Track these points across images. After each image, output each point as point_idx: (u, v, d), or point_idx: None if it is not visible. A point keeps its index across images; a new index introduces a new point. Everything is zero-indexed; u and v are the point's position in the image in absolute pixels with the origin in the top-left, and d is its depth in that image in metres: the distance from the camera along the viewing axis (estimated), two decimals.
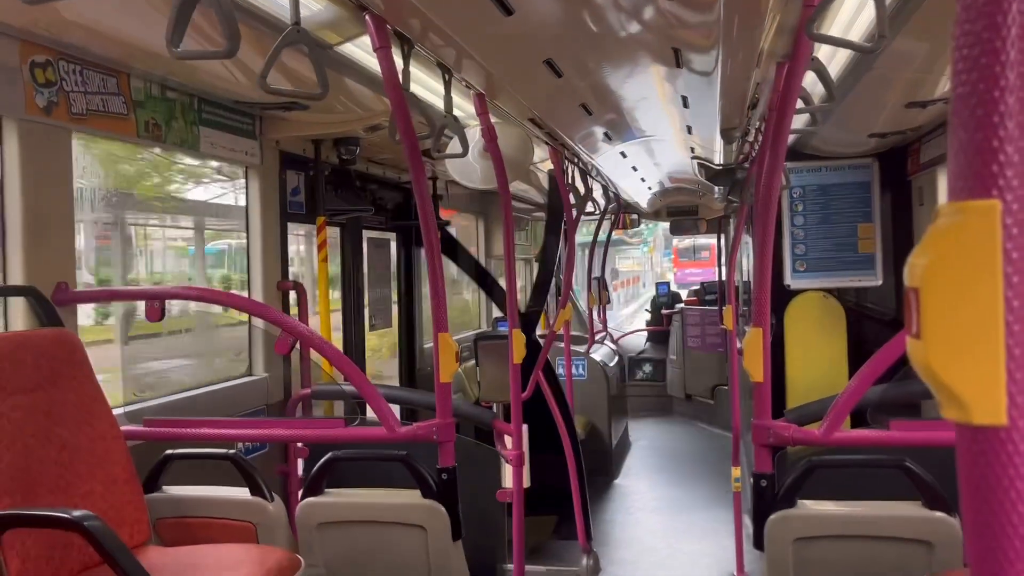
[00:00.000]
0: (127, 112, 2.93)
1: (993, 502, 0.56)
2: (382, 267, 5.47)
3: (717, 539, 5.63)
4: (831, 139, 4.83)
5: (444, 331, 2.62)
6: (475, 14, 2.41)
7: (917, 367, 0.60)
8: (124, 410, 2.91)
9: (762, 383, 2.48)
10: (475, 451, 3.77)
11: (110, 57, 2.81)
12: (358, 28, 2.64)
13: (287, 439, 3.56)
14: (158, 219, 4.30)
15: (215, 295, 2.79)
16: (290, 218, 4.06)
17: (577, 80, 3.36)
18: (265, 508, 2.64)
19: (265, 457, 3.70)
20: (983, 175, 0.56)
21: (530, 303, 5.37)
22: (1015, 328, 0.56)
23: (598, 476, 7.10)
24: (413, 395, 4.26)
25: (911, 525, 2.32)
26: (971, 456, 0.57)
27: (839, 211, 5.28)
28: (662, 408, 10.36)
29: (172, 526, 2.66)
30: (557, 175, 4.82)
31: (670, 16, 2.53)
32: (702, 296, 10.62)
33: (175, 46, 1.86)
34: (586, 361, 7.47)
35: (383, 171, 5.18)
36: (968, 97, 0.56)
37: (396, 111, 2.48)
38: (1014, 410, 0.56)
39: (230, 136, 3.55)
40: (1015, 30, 0.55)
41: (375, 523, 2.69)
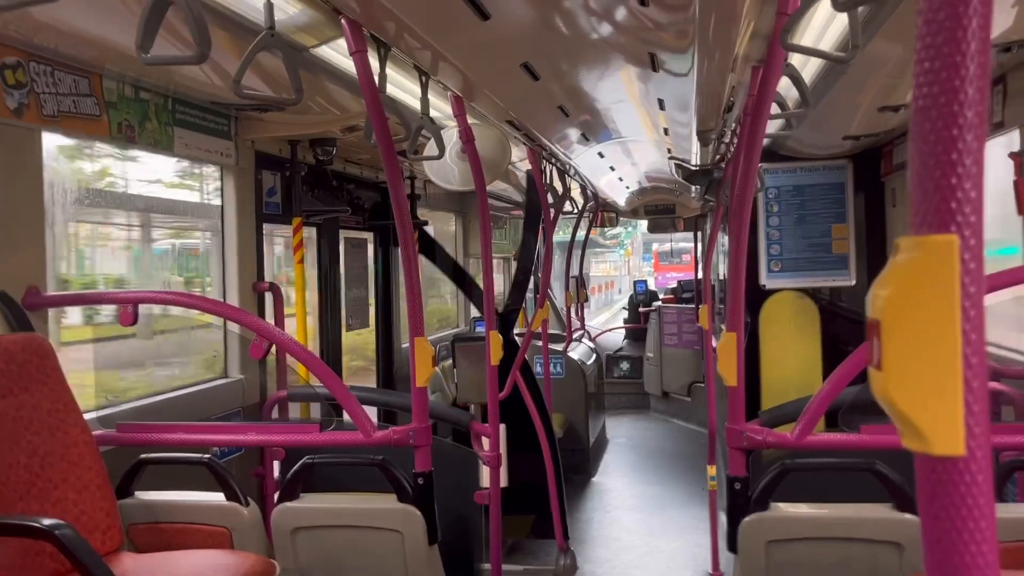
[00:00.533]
0: (99, 113, 2.90)
1: (952, 531, 0.57)
2: (359, 267, 5.45)
3: (693, 537, 5.67)
4: (806, 141, 4.87)
5: (420, 335, 2.62)
6: (451, 19, 2.40)
7: (878, 397, 0.61)
8: (96, 415, 2.88)
9: (736, 387, 2.50)
10: (452, 452, 3.77)
11: (82, 58, 2.78)
12: (334, 31, 2.63)
13: (262, 444, 3.54)
14: (99, 214, 4.11)
15: (190, 299, 2.77)
16: (266, 219, 4.04)
17: (554, 83, 3.37)
18: (240, 513, 2.63)
19: (241, 460, 3.68)
20: (941, 210, 0.57)
21: (508, 302, 5.39)
22: (972, 360, 0.57)
23: (576, 474, 7.13)
24: (390, 397, 4.25)
25: (881, 527, 2.35)
26: (931, 486, 0.58)
27: (814, 212, 5.33)
28: (639, 405, 10.42)
29: (145, 532, 2.64)
30: (535, 175, 4.82)
31: (645, 20, 2.54)
32: (679, 294, 10.69)
33: (145, 51, 1.84)
34: (564, 359, 7.49)
35: (360, 171, 5.16)
36: (927, 135, 0.57)
37: (372, 114, 2.47)
38: (972, 440, 0.57)
39: (205, 137, 3.52)
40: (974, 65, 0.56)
41: (351, 528, 2.68)
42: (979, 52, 0.55)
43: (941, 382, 0.57)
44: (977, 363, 0.57)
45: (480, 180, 3.49)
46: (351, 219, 5.17)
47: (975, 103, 0.56)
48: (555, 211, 5.47)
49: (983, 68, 0.56)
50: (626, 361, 10.65)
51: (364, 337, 5.94)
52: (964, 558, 0.56)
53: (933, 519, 0.58)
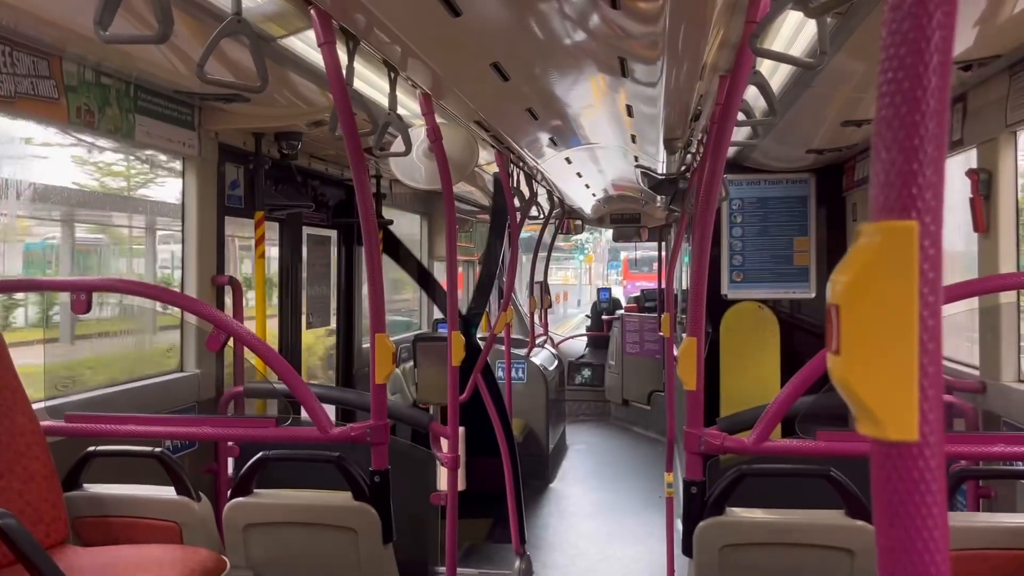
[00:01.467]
0: (58, 96, 2.83)
1: (905, 516, 0.57)
2: (322, 265, 5.40)
3: (649, 544, 5.70)
4: (771, 153, 4.93)
5: (382, 332, 2.59)
6: (422, 13, 2.39)
7: (836, 382, 0.61)
8: (45, 404, 2.81)
9: (695, 391, 2.51)
10: (410, 453, 3.74)
11: (42, 39, 2.71)
12: (303, 22, 2.60)
13: (216, 438, 3.48)
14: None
15: (145, 288, 2.71)
16: (228, 212, 3.98)
17: (524, 85, 3.36)
18: (191, 508, 2.58)
19: (194, 455, 3.62)
20: (903, 196, 0.57)
21: (471, 305, 5.37)
22: (928, 346, 0.57)
23: (534, 480, 7.12)
24: (348, 395, 4.20)
25: (834, 533, 2.38)
26: (884, 471, 0.58)
27: (776, 224, 5.40)
28: (600, 413, 10.45)
29: (92, 525, 2.58)
30: (502, 178, 4.82)
31: (616, 27, 2.55)
32: (642, 303, 10.76)
33: (104, 29, 1.79)
34: (526, 364, 7.49)
35: (326, 167, 5.11)
36: (891, 120, 0.57)
37: (339, 107, 2.45)
38: (926, 426, 0.57)
39: (167, 126, 3.46)
40: (937, 57, 0.56)
41: (304, 525, 2.64)
42: (942, 40, 0.56)
43: (897, 367, 0.57)
44: (933, 348, 0.57)
45: (447, 180, 3.48)
46: (315, 216, 5.12)
47: (938, 90, 0.56)
48: (521, 216, 5.48)
49: (946, 57, 0.56)
50: (588, 368, 10.69)
51: (315, 336, 5.86)
52: (916, 544, 0.56)
53: (886, 504, 0.58)
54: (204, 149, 3.74)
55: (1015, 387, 3.07)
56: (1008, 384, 3.10)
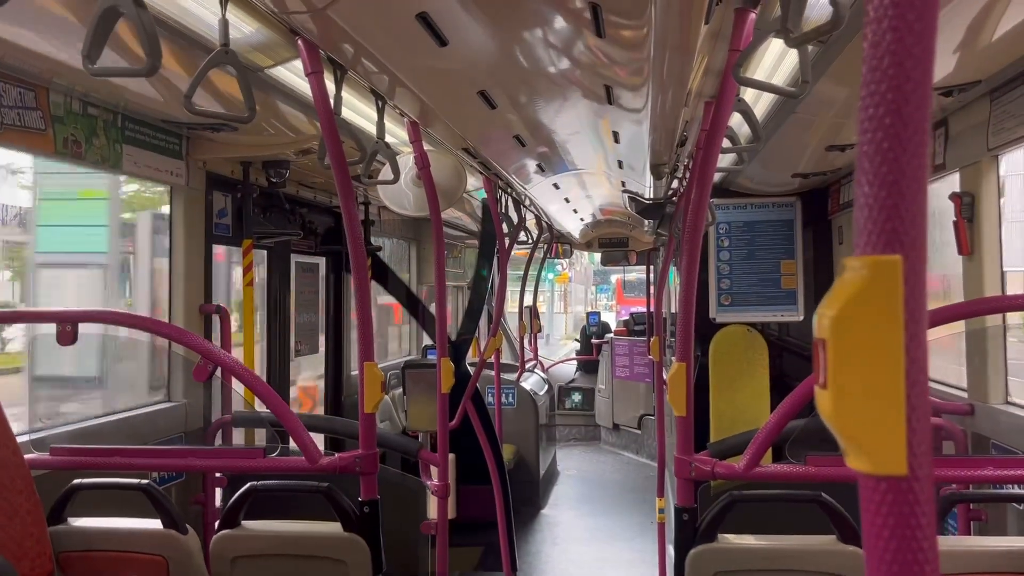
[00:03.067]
0: (45, 127, 2.83)
1: (894, 550, 0.57)
2: (310, 292, 5.38)
3: (642, 570, 5.66)
4: (756, 178, 4.97)
5: (371, 360, 2.58)
6: (409, 43, 2.41)
7: (824, 416, 0.61)
8: (29, 437, 2.78)
9: (685, 417, 2.51)
10: (400, 481, 3.72)
11: (28, 70, 2.71)
12: (290, 52, 2.61)
13: (203, 469, 3.44)
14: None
15: (132, 319, 2.70)
16: (216, 240, 3.97)
17: (510, 112, 3.39)
18: (178, 541, 2.54)
19: (181, 487, 3.58)
20: (886, 231, 0.57)
21: (461, 330, 5.36)
22: (915, 379, 0.58)
23: (525, 506, 7.08)
24: (337, 424, 4.18)
25: (825, 559, 2.37)
26: (874, 506, 0.58)
27: (763, 247, 5.42)
28: (590, 437, 10.42)
29: (77, 560, 2.54)
30: (491, 204, 4.84)
31: (601, 55, 2.58)
32: (631, 327, 10.77)
33: (92, 62, 1.80)
34: (516, 389, 7.47)
35: (314, 194, 5.12)
36: (872, 155, 0.58)
37: (327, 136, 2.45)
38: (913, 460, 0.58)
39: (155, 156, 3.45)
40: (917, 93, 0.57)
41: (293, 556, 2.61)
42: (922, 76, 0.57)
43: (884, 401, 0.58)
44: (919, 383, 0.57)
45: (435, 207, 3.49)
46: (303, 243, 5.11)
47: (919, 124, 0.57)
48: (510, 241, 5.49)
49: (925, 91, 0.57)
50: (578, 392, 10.67)
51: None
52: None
53: (875, 538, 0.58)
54: (192, 178, 3.73)
55: (1003, 409, 3.08)
56: (996, 406, 3.11)
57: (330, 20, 2.18)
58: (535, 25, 2.37)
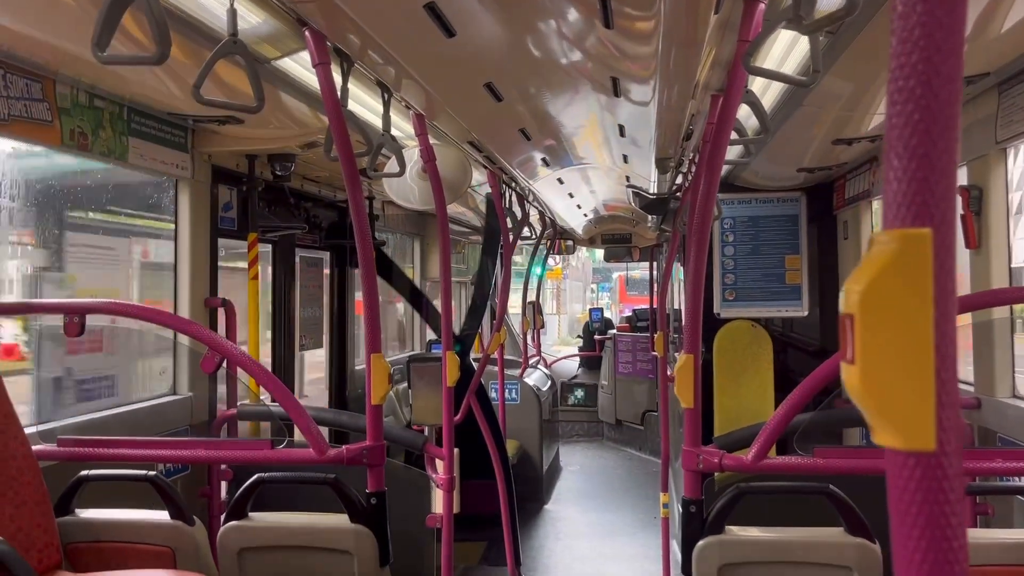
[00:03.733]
0: (51, 119, 2.83)
1: (923, 527, 0.56)
2: (314, 286, 5.38)
3: (645, 565, 5.66)
4: (762, 172, 4.96)
5: (378, 352, 2.58)
6: (417, 34, 2.40)
7: (851, 392, 0.60)
8: (37, 429, 2.78)
9: (692, 409, 2.51)
10: (404, 475, 3.72)
11: (35, 62, 2.71)
12: (297, 43, 2.60)
13: (210, 460, 3.45)
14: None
15: (139, 310, 2.69)
16: (221, 234, 3.97)
17: (517, 105, 3.38)
18: (185, 532, 2.54)
19: (187, 479, 3.58)
20: (915, 204, 0.57)
21: (464, 326, 5.35)
22: (944, 353, 0.57)
23: (528, 501, 7.08)
24: (342, 417, 4.17)
25: (833, 551, 2.37)
26: (901, 481, 0.57)
27: (768, 242, 5.41)
28: (593, 433, 10.42)
29: (85, 551, 2.54)
30: (495, 198, 4.83)
31: (611, 46, 2.57)
32: (634, 323, 10.76)
33: (101, 49, 1.79)
34: (519, 385, 7.47)
35: (318, 189, 5.11)
36: (903, 128, 0.57)
37: (334, 127, 2.45)
38: (942, 434, 0.57)
39: (160, 148, 3.45)
40: (949, 63, 0.57)
41: (300, 548, 2.61)
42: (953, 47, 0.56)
43: (913, 376, 0.57)
44: (948, 357, 0.57)
45: (440, 200, 3.48)
46: (307, 237, 5.11)
47: (950, 97, 0.56)
48: (514, 236, 5.48)
49: (957, 63, 0.57)
50: (581, 389, 10.67)
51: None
52: (936, 554, 0.56)
53: (903, 515, 0.57)
54: (197, 171, 3.73)
55: (1010, 403, 3.08)
56: (1003, 400, 3.10)
57: (338, 9, 2.18)
58: (543, 16, 2.37)
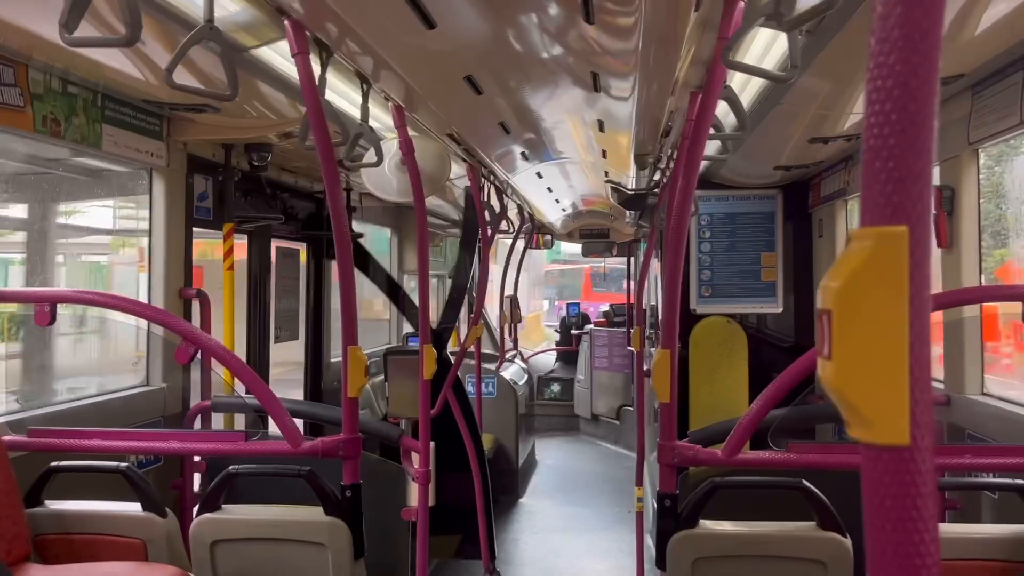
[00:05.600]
0: (23, 105, 2.78)
1: (895, 520, 0.57)
2: (290, 278, 5.34)
3: (619, 559, 5.69)
4: (739, 170, 4.99)
5: (354, 344, 2.57)
6: (396, 25, 2.39)
7: (826, 387, 0.61)
8: (6, 419, 2.74)
9: (668, 403, 2.52)
10: (380, 468, 3.71)
11: (7, 46, 2.66)
12: (275, 32, 2.58)
13: (184, 452, 3.42)
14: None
15: (112, 300, 2.66)
16: (196, 223, 3.93)
17: (497, 98, 3.37)
18: (156, 524, 2.52)
19: (160, 471, 3.54)
20: (892, 203, 0.58)
21: (442, 319, 5.34)
22: (918, 350, 0.58)
23: (504, 495, 7.10)
24: (318, 409, 4.15)
25: (806, 545, 2.39)
26: (875, 475, 0.58)
27: (744, 239, 5.45)
28: (569, 427, 10.45)
29: (54, 543, 2.51)
30: (474, 192, 4.82)
31: (591, 41, 2.57)
32: (611, 318, 10.80)
33: (69, 31, 1.76)
34: (496, 379, 7.47)
35: (295, 180, 5.08)
36: (881, 127, 0.58)
37: (312, 117, 2.43)
38: (916, 430, 0.58)
39: (135, 136, 3.41)
40: (925, 65, 0.57)
41: (274, 540, 2.60)
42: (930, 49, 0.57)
43: (887, 371, 0.58)
44: (922, 353, 0.58)
45: (419, 193, 3.47)
46: (284, 228, 5.07)
47: (927, 97, 0.57)
48: (492, 230, 5.48)
49: (933, 64, 0.57)
50: (557, 383, 10.69)
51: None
52: (908, 548, 0.57)
53: (877, 508, 0.58)
54: (172, 160, 3.69)
55: (979, 400, 3.12)
56: (972, 397, 3.15)
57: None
58: (525, 10, 2.36)
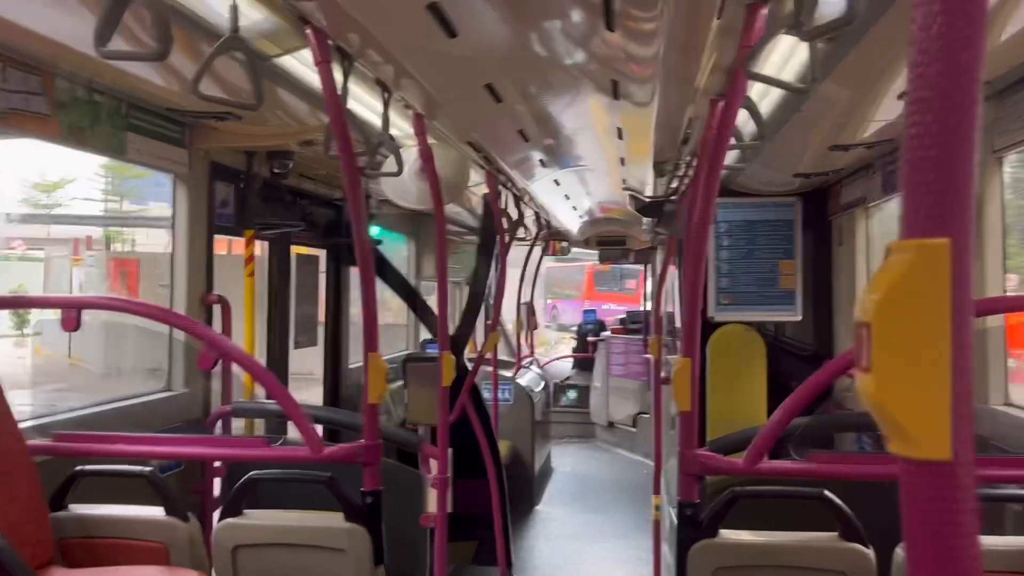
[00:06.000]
0: (50, 113, 2.82)
1: (936, 535, 0.57)
2: (310, 285, 5.37)
3: (636, 567, 5.67)
4: (758, 177, 4.97)
5: (375, 351, 2.58)
6: (418, 34, 2.40)
7: (865, 401, 0.61)
8: (32, 423, 2.77)
9: (689, 412, 2.51)
10: (398, 474, 3.71)
11: (34, 55, 2.70)
12: (297, 41, 2.60)
13: (207, 457, 3.44)
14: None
15: (136, 306, 2.69)
16: (218, 230, 3.96)
17: (517, 105, 3.38)
18: (179, 529, 2.54)
19: (180, 476, 3.56)
20: (934, 214, 0.57)
21: (459, 326, 5.36)
22: (960, 364, 0.58)
23: (520, 502, 7.09)
24: (337, 415, 4.17)
25: (827, 555, 2.38)
26: (916, 490, 0.58)
27: (762, 247, 5.42)
28: (585, 435, 10.43)
29: (78, 547, 2.53)
30: (492, 199, 4.83)
31: (615, 47, 2.57)
32: (627, 325, 10.78)
33: (102, 44, 1.79)
34: (512, 386, 7.47)
35: (315, 186, 5.10)
36: (922, 139, 0.58)
37: (334, 126, 2.45)
38: (958, 445, 0.58)
39: (158, 144, 3.44)
40: (967, 76, 0.57)
41: (295, 546, 2.61)
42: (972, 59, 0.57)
43: (929, 385, 0.58)
44: (964, 367, 0.57)
45: (438, 200, 3.48)
46: (303, 235, 5.10)
47: (969, 108, 0.57)
48: (509, 237, 5.49)
49: (975, 75, 0.57)
50: (573, 390, 10.68)
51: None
52: (950, 563, 0.56)
53: (917, 523, 0.58)
54: (195, 167, 3.72)
55: (1003, 411, 3.09)
56: (996, 408, 3.12)
57: (339, 8, 2.18)
58: (546, 17, 2.37)
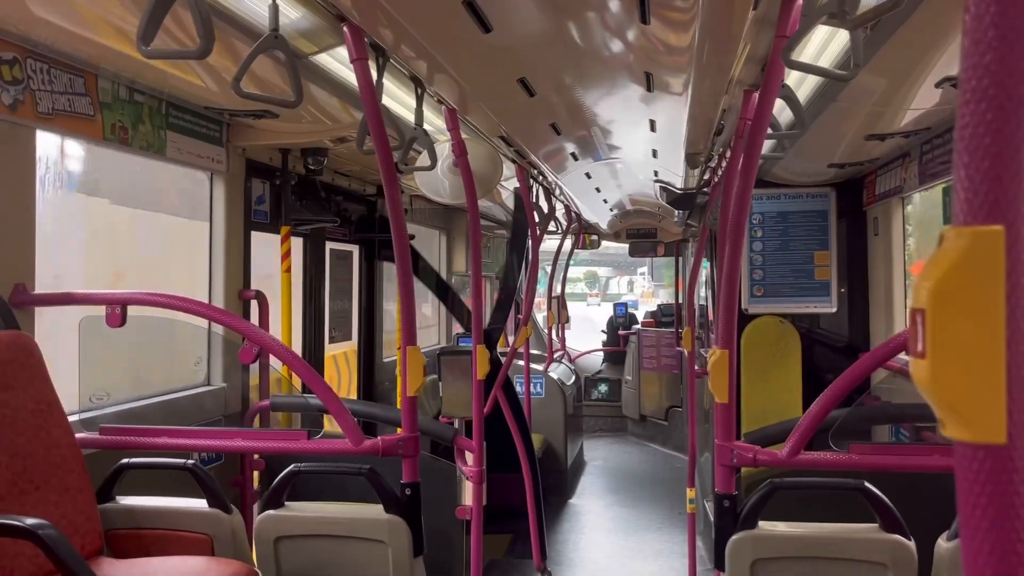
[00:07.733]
0: (93, 113, 2.88)
1: (993, 519, 0.57)
2: (344, 280, 5.42)
3: (670, 560, 5.66)
4: (792, 167, 4.93)
5: (413, 344, 2.60)
6: (453, 29, 2.42)
7: (920, 386, 0.61)
8: (80, 417, 2.84)
9: (727, 404, 2.51)
10: (433, 466, 3.75)
11: (78, 57, 2.76)
12: (333, 38, 2.63)
13: (249, 450, 3.50)
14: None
15: (179, 302, 2.74)
16: (254, 226, 4.02)
17: (549, 99, 3.39)
18: (222, 520, 2.59)
19: (220, 469, 3.63)
20: (988, 202, 0.58)
21: (492, 320, 5.38)
22: (1016, 348, 0.58)
23: (553, 495, 7.10)
24: (373, 409, 4.21)
25: (868, 547, 2.36)
26: (971, 474, 0.58)
27: (797, 238, 5.38)
28: (617, 428, 10.42)
29: (125, 538, 2.59)
30: (523, 193, 4.84)
31: (652, 38, 2.57)
32: (658, 318, 10.74)
33: (146, 44, 1.83)
34: (544, 379, 7.49)
35: (348, 183, 5.15)
36: (975, 127, 0.58)
37: (371, 122, 2.47)
38: (1013, 428, 0.58)
39: (197, 142, 3.50)
40: (1021, 63, 0.57)
41: (336, 537, 2.65)
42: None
43: (985, 369, 0.58)
44: (1019, 352, 0.58)
45: (471, 194, 3.50)
46: (337, 231, 5.15)
47: (1022, 96, 0.57)
48: (540, 231, 5.49)
49: None
50: (604, 383, 10.67)
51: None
52: (1005, 545, 0.57)
53: (972, 507, 0.58)
54: (232, 164, 3.78)
55: None
56: None
57: (376, 3, 2.20)
58: (580, 10, 2.38)
